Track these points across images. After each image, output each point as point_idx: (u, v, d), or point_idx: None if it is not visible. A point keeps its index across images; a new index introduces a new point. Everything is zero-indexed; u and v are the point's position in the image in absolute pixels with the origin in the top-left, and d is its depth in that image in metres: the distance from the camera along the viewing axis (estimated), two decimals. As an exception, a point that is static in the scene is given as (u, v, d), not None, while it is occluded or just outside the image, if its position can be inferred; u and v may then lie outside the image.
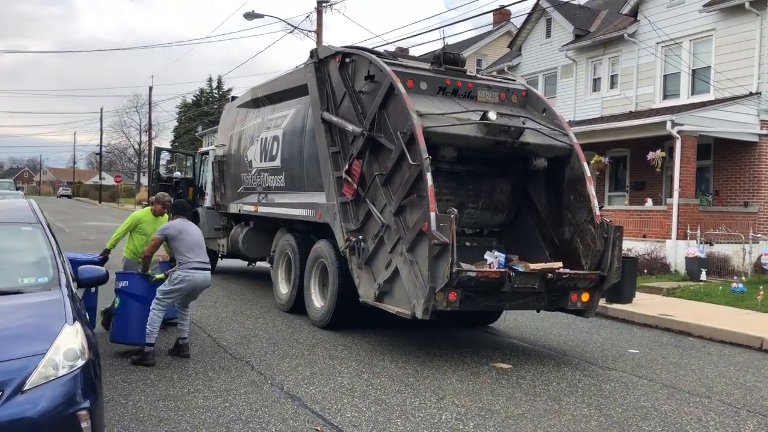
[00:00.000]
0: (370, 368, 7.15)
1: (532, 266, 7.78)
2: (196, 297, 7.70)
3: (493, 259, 8.17)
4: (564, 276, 7.69)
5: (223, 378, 6.58)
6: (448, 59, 8.95)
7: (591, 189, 8.40)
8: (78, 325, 4.26)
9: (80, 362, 4.01)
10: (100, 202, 68.15)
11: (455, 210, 7.07)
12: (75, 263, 5.82)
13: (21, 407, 3.64)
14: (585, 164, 8.54)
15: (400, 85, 7.86)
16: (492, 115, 7.94)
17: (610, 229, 7.98)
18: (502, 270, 7.52)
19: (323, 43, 19.05)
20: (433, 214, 6.96)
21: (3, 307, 4.42)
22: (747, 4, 16.90)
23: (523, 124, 8.38)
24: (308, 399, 6.02)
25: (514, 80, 9.94)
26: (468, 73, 9.19)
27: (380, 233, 7.89)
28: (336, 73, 9.21)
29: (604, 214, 8.39)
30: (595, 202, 8.30)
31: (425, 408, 5.92)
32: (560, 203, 8.72)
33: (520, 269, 7.69)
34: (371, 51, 9.07)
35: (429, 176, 7.15)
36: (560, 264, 7.94)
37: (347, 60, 9.05)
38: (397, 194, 7.66)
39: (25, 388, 3.70)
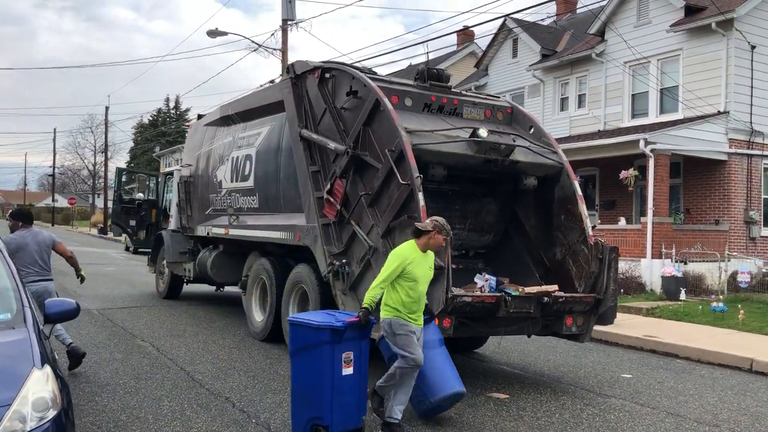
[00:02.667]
0: (361, 402, 6.66)
1: (527, 289, 7.42)
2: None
3: (484, 282, 7.79)
4: (560, 300, 7.35)
5: (203, 417, 6.02)
6: (432, 75, 8.62)
7: (583, 208, 8.12)
8: (48, 368, 3.72)
9: (51, 413, 3.48)
10: (53, 225, 66.03)
11: (450, 232, 6.67)
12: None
13: (-18, 471, 3.09)
14: (576, 183, 8.29)
15: (386, 101, 7.47)
16: (483, 132, 7.60)
17: (605, 249, 7.69)
18: (498, 294, 7.14)
19: (290, 61, 18.64)
20: (426, 237, 6.54)
21: (-42, 349, 3.84)
22: (713, 25, 17.11)
23: (514, 141, 8.08)
24: (299, 440, 5.51)
25: (499, 97, 9.66)
26: (453, 89, 8.86)
27: (367, 256, 7.44)
28: (315, 89, 8.78)
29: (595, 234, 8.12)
30: (587, 221, 8.02)
31: (427, 447, 5.47)
32: (550, 223, 8.42)
33: (514, 293, 7.31)
34: (352, 66, 8.69)
35: (421, 196, 6.76)
36: (556, 287, 7.60)
37: (327, 75, 8.64)
38: (385, 215, 7.24)
39: (-14, 448, 3.15)
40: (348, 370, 5.56)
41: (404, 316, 5.72)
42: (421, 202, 6.74)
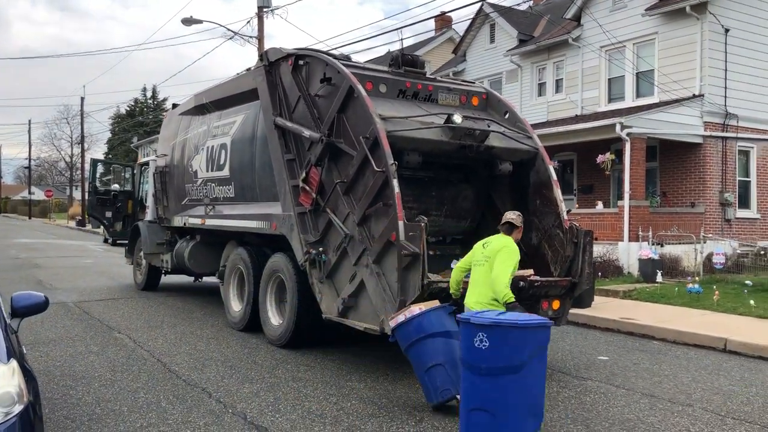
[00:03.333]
0: (338, 390, 6.67)
1: (503, 275, 7.42)
2: None
3: (461, 267, 7.79)
4: (536, 284, 7.38)
5: (179, 409, 5.99)
6: (407, 61, 8.57)
7: (558, 193, 8.15)
8: (14, 363, 3.67)
9: (18, 408, 3.43)
10: (29, 218, 65.17)
11: (425, 218, 6.68)
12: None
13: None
14: (551, 167, 8.31)
15: (360, 88, 7.43)
16: (457, 118, 7.59)
17: (580, 233, 7.74)
18: (475, 279, 7.14)
19: (268, 48, 18.47)
20: (401, 223, 6.55)
21: None
22: (688, 8, 17.20)
23: (488, 127, 8.08)
24: (276, 429, 5.50)
25: (474, 83, 9.64)
26: (428, 75, 8.83)
27: (343, 244, 7.43)
28: (289, 77, 8.71)
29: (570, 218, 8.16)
30: (562, 206, 8.06)
31: (404, 433, 5.49)
32: (526, 208, 8.43)
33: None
34: (326, 53, 8.62)
35: (396, 183, 6.73)
36: (531, 271, 7.63)
37: (300, 62, 8.57)
38: (360, 203, 7.22)
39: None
40: None
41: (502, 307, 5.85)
42: (396, 189, 6.72)
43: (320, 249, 7.80)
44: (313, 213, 8.03)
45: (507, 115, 8.78)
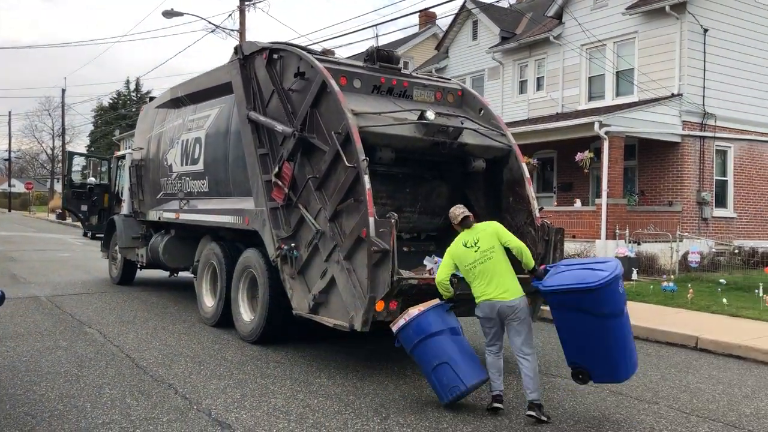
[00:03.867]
0: (306, 387, 6.64)
1: (475, 272, 7.42)
2: None
3: (433, 264, 7.78)
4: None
5: (143, 405, 5.93)
6: (382, 56, 8.54)
7: (530, 190, 8.17)
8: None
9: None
10: (9, 211, 64.51)
11: (395, 214, 6.65)
12: None
13: None
14: (524, 165, 8.32)
15: (333, 83, 7.38)
16: (430, 115, 7.57)
17: (551, 231, 7.76)
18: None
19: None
20: (371, 219, 6.52)
21: None
22: (667, 8, 17.30)
23: (462, 124, 8.07)
24: (239, 426, 5.46)
25: (450, 80, 9.63)
26: (403, 71, 8.80)
27: (314, 240, 7.39)
28: (263, 70, 8.64)
29: (541, 216, 8.18)
30: (534, 203, 8.07)
31: (368, 430, 5.47)
32: (499, 206, 8.46)
33: (462, 275, 7.32)
34: (300, 47, 8.56)
35: (367, 179, 6.70)
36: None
37: (275, 56, 8.50)
38: (332, 198, 7.18)
39: None
40: None
41: None
42: (367, 185, 6.68)
43: (292, 245, 7.75)
44: (286, 208, 7.97)
45: (482, 113, 8.77)
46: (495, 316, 6.04)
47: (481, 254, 6.12)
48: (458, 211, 6.38)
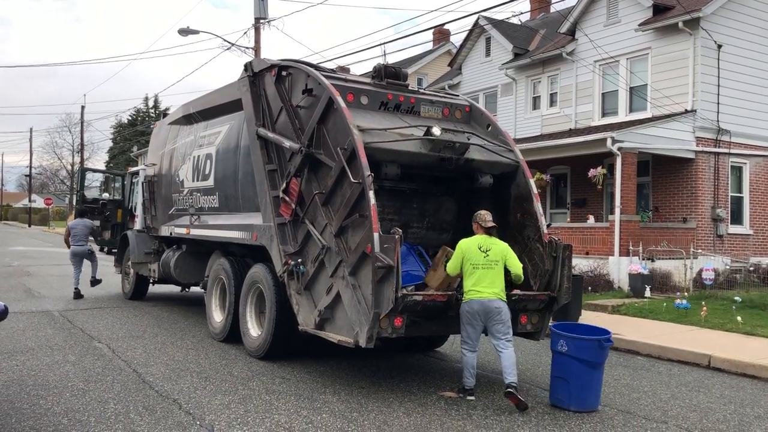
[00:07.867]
0: (311, 403, 6.61)
1: (481, 288, 7.40)
2: None
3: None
4: (513, 297, 7.34)
5: (147, 420, 5.93)
6: (389, 73, 8.58)
7: (538, 207, 8.13)
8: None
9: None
10: (29, 226, 65.25)
11: (399, 230, 6.64)
12: None
13: None
14: (531, 181, 8.28)
15: (339, 99, 7.42)
16: (436, 131, 7.58)
17: (559, 247, 7.70)
18: (449, 293, 7.12)
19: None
20: (376, 235, 6.51)
21: None
22: (680, 24, 17.24)
23: (468, 139, 8.07)
24: (241, 442, 5.45)
25: (458, 96, 9.64)
26: (410, 87, 8.83)
27: (320, 256, 7.39)
28: (272, 87, 8.72)
29: (550, 232, 8.14)
30: (542, 220, 8.03)
31: (370, 447, 5.43)
32: (507, 222, 8.41)
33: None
34: (309, 64, 8.63)
35: (371, 195, 6.70)
36: (510, 285, 7.59)
37: (284, 73, 8.57)
38: (338, 214, 7.19)
39: None
40: None
41: None
42: (372, 201, 6.69)
43: (299, 260, 7.76)
44: (293, 224, 8.00)
45: (489, 128, 8.77)
46: (481, 313, 6.77)
47: (488, 261, 6.91)
48: (489, 217, 7.19)
